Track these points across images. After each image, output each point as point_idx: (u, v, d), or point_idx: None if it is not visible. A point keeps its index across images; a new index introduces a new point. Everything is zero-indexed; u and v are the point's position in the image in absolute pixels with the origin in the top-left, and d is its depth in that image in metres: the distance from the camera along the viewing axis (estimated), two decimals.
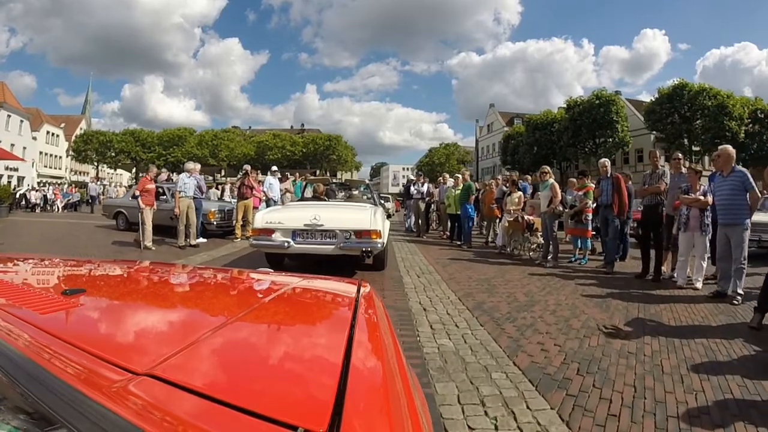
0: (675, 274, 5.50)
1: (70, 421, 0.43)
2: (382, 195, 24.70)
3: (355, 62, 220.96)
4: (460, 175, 8.83)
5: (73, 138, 47.65)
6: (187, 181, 7.55)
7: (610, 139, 30.09)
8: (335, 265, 5.18)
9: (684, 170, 6.09)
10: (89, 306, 0.87)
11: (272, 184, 9.43)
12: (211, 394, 0.49)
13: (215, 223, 8.64)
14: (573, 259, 6.82)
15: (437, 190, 10.98)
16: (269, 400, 0.51)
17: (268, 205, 9.62)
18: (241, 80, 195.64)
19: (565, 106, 33.82)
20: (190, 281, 1.31)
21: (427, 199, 10.82)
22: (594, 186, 6.78)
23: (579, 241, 6.95)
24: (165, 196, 8.97)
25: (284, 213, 4.92)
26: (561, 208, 6.30)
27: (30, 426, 0.45)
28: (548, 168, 6.53)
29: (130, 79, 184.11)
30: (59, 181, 38.80)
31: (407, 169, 74.39)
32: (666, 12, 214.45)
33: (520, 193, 7.51)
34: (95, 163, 45.84)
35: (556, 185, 6.27)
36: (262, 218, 4.68)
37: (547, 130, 34.38)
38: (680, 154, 6.49)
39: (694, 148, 28.90)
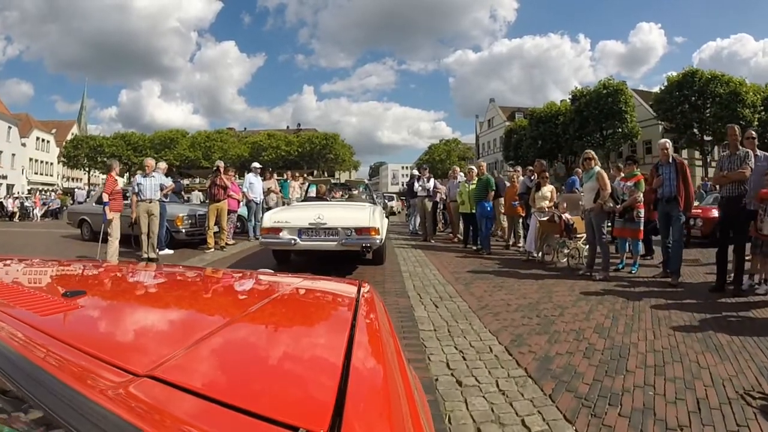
0: (758, 284, 4.50)
1: (71, 423, 0.42)
2: (386, 194, 23.57)
3: (351, 62, 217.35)
4: (474, 167, 7.44)
5: (64, 143, 46.29)
6: (142, 182, 6.21)
7: (619, 130, 28.89)
8: (337, 260, 5.65)
9: (759, 152, 4.94)
10: (90, 307, 0.84)
11: (253, 183, 8.07)
12: (212, 395, 0.48)
13: (184, 230, 7.22)
14: (620, 266, 5.49)
15: (445, 186, 9.60)
16: (270, 400, 0.50)
17: (248, 207, 8.30)
18: (238, 83, 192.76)
19: (569, 98, 32.54)
20: (191, 282, 1.26)
21: (434, 196, 9.30)
22: (646, 175, 5.50)
23: (627, 243, 5.60)
24: (127, 201, 7.67)
25: (290, 213, 5.32)
26: (611, 204, 4.89)
27: (31, 428, 0.45)
28: (592, 153, 5.10)
29: (127, 84, 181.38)
30: (47, 188, 37.51)
31: (406, 167, 72.88)
32: (662, 5, 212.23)
33: (552, 186, 6.13)
34: (86, 169, 44.55)
35: (604, 174, 4.87)
36: (270, 218, 5.06)
37: (551, 122, 33.03)
38: (753, 132, 5.27)
39: (706, 138, 28.16)
